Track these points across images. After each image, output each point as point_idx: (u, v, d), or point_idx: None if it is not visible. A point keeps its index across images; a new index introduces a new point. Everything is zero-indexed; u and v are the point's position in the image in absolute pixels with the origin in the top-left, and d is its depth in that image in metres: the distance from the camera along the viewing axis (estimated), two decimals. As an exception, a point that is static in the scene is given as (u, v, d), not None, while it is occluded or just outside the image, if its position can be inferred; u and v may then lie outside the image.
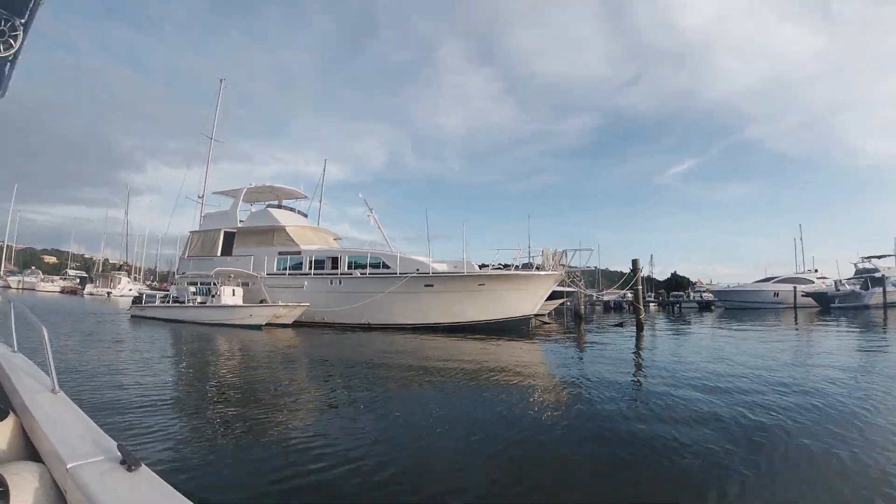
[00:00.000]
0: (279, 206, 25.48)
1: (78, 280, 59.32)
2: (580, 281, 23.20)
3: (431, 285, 19.50)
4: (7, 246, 61.03)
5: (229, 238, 23.99)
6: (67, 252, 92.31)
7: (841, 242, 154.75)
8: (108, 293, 50.44)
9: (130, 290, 52.47)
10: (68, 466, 1.51)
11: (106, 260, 72.74)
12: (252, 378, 8.79)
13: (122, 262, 59.59)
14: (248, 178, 33.39)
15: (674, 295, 62.55)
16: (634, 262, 20.90)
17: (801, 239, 64.60)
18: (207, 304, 19.61)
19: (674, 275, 78.94)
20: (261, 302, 21.15)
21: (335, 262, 21.41)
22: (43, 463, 1.73)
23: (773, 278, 49.94)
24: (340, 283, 20.54)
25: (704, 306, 52.08)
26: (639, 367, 10.56)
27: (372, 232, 23.41)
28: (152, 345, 13.41)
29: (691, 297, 61.20)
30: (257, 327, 18.45)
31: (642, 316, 19.29)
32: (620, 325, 23.63)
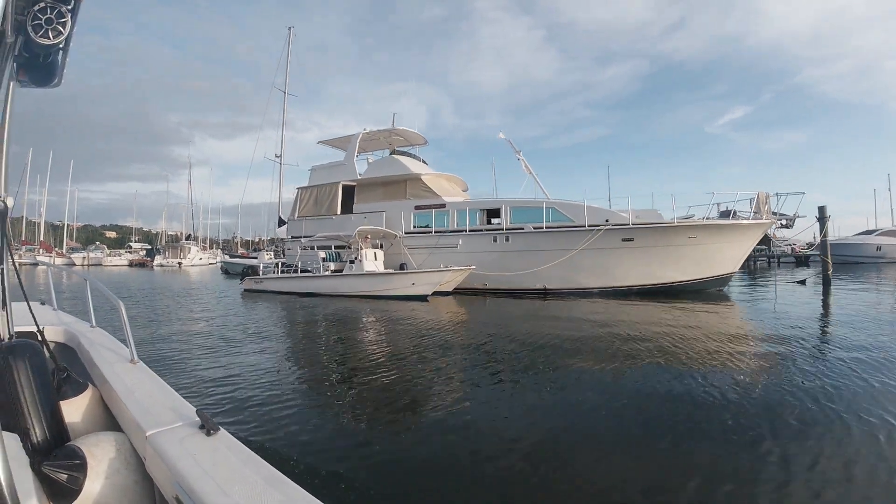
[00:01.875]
0: (392, 154, 20.24)
1: (144, 252, 56.15)
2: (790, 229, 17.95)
3: (631, 239, 14.42)
4: (66, 225, 58.11)
5: (349, 192, 18.99)
6: (125, 227, 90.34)
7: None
8: (179, 264, 46.89)
9: (200, 259, 49.07)
10: (147, 434, 1.44)
11: (163, 231, 69.80)
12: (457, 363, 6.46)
13: (187, 233, 56.18)
14: (292, 144, 29.14)
15: (756, 249, 55.97)
16: (822, 209, 16.43)
17: (889, 189, 57.08)
18: (352, 273, 14.79)
19: (748, 229, 70.98)
20: (401, 266, 16.36)
21: (491, 215, 16.31)
22: (123, 432, 1.66)
23: (874, 231, 43.88)
24: (508, 240, 15.47)
25: (802, 260, 46.53)
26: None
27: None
28: (318, 329, 9.76)
29: (773, 251, 54.73)
30: (422, 298, 13.69)
31: (830, 271, 16.31)
32: (802, 282, 19.27)
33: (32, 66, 1.57)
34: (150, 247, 58.84)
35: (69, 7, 1.47)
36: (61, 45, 1.53)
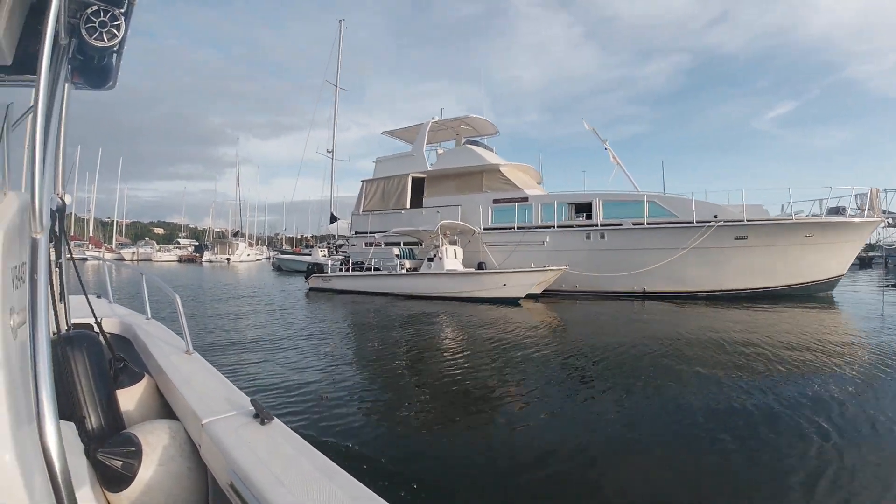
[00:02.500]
0: (464, 144, 18.76)
1: (193, 248, 56.82)
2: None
3: (744, 238, 12.58)
4: (115, 221, 59.29)
5: (418, 185, 17.65)
6: (173, 223, 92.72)
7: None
8: (228, 259, 47.06)
9: (248, 255, 49.22)
10: (203, 422, 1.42)
11: (210, 228, 70.90)
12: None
13: (234, 229, 56.59)
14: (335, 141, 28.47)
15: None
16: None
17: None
18: (434, 272, 13.41)
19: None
20: (479, 265, 14.91)
21: (579, 209, 14.64)
22: (178, 420, 1.66)
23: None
24: (603, 237, 13.77)
25: (865, 262, 43.20)
26: None
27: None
28: (398, 334, 8.45)
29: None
30: (513, 301, 12.18)
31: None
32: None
33: (87, 69, 1.51)
34: (198, 243, 59.60)
35: (122, 10, 1.40)
36: (115, 48, 1.43)
